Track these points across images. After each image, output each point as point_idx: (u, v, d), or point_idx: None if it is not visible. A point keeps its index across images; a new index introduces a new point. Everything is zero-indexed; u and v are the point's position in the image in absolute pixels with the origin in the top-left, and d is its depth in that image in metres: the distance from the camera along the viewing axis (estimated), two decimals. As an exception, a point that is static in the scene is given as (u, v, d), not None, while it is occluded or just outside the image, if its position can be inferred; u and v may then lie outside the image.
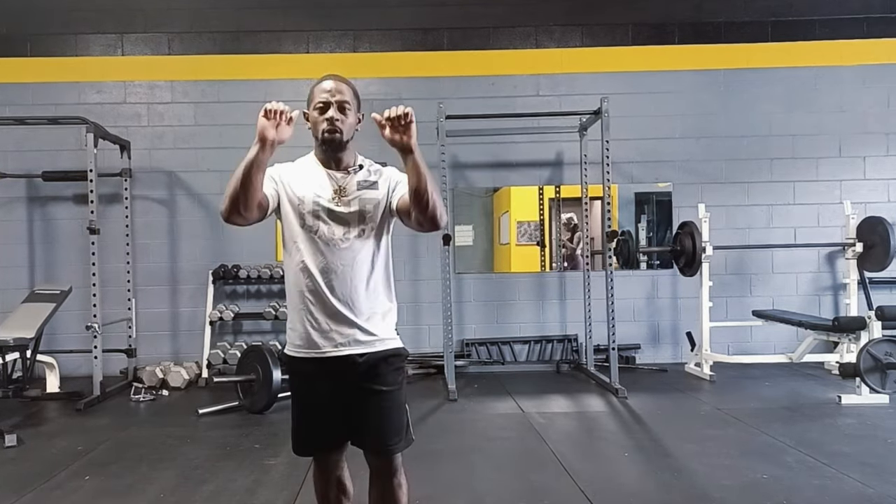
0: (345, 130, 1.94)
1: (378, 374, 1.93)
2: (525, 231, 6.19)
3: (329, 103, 1.93)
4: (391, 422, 1.94)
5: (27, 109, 5.82)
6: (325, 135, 1.92)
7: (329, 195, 1.94)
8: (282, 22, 6.05)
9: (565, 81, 6.10)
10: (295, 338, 1.96)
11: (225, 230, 6.04)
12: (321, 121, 1.93)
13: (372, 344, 1.93)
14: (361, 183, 1.97)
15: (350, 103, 1.96)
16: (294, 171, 2.00)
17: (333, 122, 1.91)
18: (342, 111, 1.94)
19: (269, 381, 4.40)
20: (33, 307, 4.78)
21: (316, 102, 1.94)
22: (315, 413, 1.97)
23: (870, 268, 5.47)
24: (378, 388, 1.93)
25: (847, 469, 3.23)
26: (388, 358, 1.96)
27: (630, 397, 4.77)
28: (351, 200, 1.94)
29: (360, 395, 1.93)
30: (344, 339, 1.91)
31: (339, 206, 1.93)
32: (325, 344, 1.91)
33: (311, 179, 1.96)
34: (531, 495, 2.99)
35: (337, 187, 1.95)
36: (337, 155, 1.97)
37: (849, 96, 6.13)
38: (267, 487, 3.12)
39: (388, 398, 1.94)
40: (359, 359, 1.91)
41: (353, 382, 1.92)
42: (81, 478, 3.29)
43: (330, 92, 1.94)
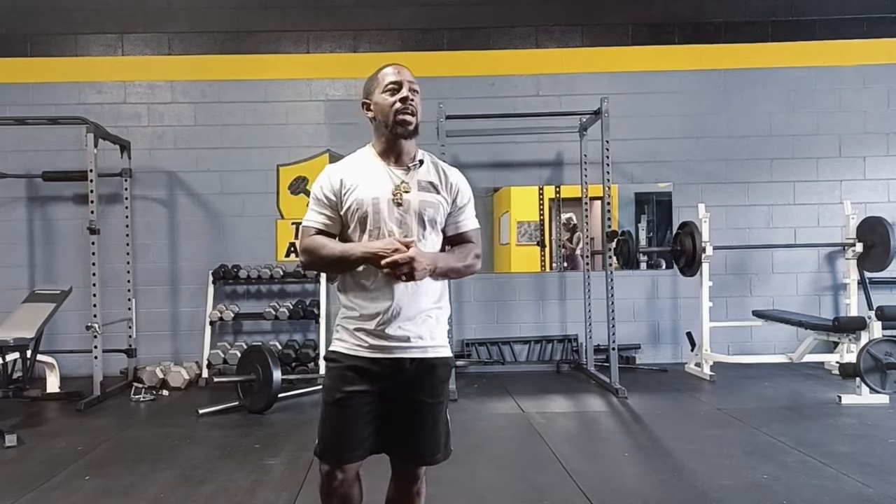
0: (418, 113, 1.84)
1: (427, 384, 1.87)
2: (525, 231, 6.19)
3: (401, 84, 1.84)
4: (436, 434, 1.89)
5: (27, 109, 5.81)
6: (398, 116, 1.80)
7: (388, 195, 1.83)
8: (282, 22, 6.06)
9: (565, 81, 6.10)
10: (346, 335, 1.86)
11: (225, 230, 6.05)
12: (393, 102, 1.81)
13: (424, 350, 1.85)
14: (422, 183, 1.87)
15: (418, 90, 1.87)
16: (350, 171, 1.88)
17: (408, 102, 1.81)
18: (414, 93, 1.85)
19: (269, 381, 4.40)
20: (33, 307, 4.78)
21: (386, 84, 1.84)
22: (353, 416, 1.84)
23: (870, 268, 5.47)
24: (426, 399, 1.87)
25: (847, 469, 3.23)
26: (438, 367, 1.89)
27: (630, 397, 4.77)
28: (411, 200, 1.84)
29: (408, 403, 1.86)
30: (398, 341, 1.82)
31: (398, 207, 1.82)
32: (379, 345, 1.82)
33: (369, 177, 1.85)
34: (531, 495, 2.99)
35: (397, 184, 1.84)
36: (402, 144, 1.86)
37: (849, 96, 6.13)
38: (267, 487, 3.12)
39: (437, 409, 1.89)
40: (409, 363, 1.83)
41: (400, 388, 1.84)
42: (81, 478, 3.29)
43: (401, 73, 1.86)
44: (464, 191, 1.95)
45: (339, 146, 6.04)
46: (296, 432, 4.04)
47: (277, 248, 6.05)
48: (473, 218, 1.98)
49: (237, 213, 6.06)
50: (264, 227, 6.06)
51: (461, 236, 1.94)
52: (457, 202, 1.93)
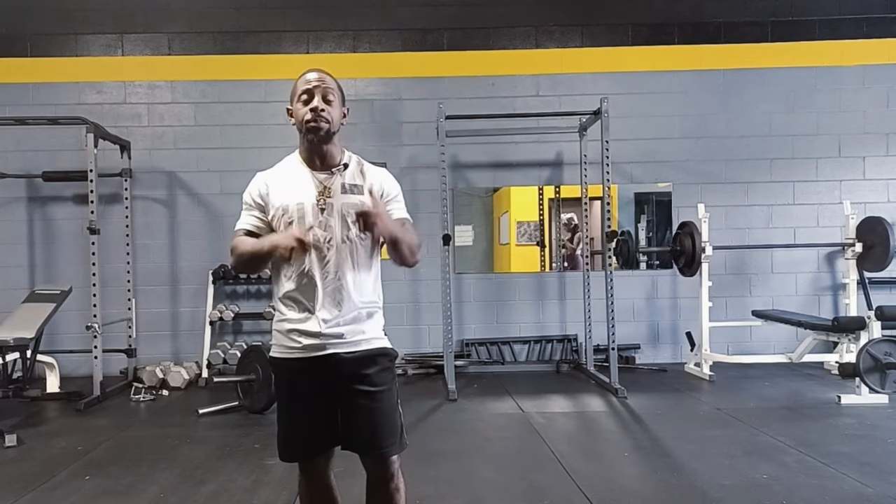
0: (331, 120, 1.88)
1: (366, 374, 1.89)
2: (525, 231, 6.20)
3: (312, 92, 1.89)
4: (384, 423, 1.90)
5: (27, 109, 5.82)
6: (309, 124, 1.87)
7: (312, 199, 1.89)
8: (282, 22, 6.06)
9: (565, 81, 6.10)
10: (281, 338, 1.92)
11: (224, 230, 6.03)
12: (305, 111, 1.88)
13: (358, 343, 1.89)
14: (346, 186, 1.92)
15: (334, 94, 1.92)
16: (277, 177, 1.95)
17: (318, 112, 1.86)
18: (326, 101, 1.89)
19: (269, 381, 4.40)
20: (33, 307, 4.78)
21: (299, 94, 1.91)
22: (302, 416, 1.93)
23: (869, 268, 5.47)
24: (367, 388, 1.89)
25: (847, 469, 3.23)
26: (375, 357, 1.92)
27: (630, 397, 4.77)
28: (334, 204, 1.89)
29: (350, 396, 1.89)
30: (330, 338, 1.87)
31: (322, 210, 1.88)
32: (312, 344, 1.87)
33: (294, 184, 1.92)
34: (531, 495, 2.99)
35: (320, 189, 1.90)
36: (322, 148, 1.91)
37: (848, 96, 6.13)
38: (267, 487, 3.12)
39: (378, 398, 1.90)
40: (346, 356, 1.88)
41: (341, 383, 1.89)
42: (81, 478, 3.29)
43: (312, 81, 1.90)
44: (389, 187, 1.99)
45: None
46: (296, 432, 4.04)
47: (277, 248, 6.04)
48: (403, 210, 2.02)
49: (237, 213, 5.97)
50: (264, 227, 6.05)
51: None
52: (383, 198, 1.95)
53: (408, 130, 6.05)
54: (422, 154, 5.98)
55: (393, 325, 2.27)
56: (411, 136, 6.03)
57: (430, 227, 5.57)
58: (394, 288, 5.49)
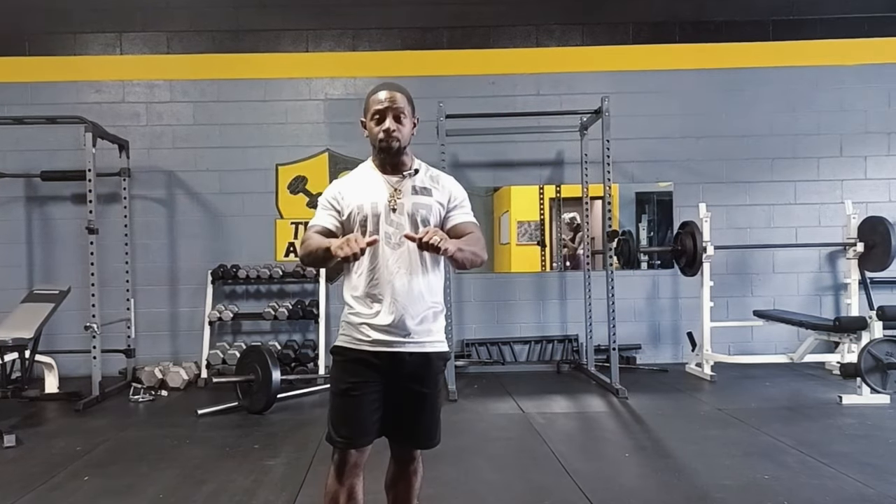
0: (402, 139, 2.02)
1: (426, 376, 2.02)
2: (525, 231, 6.18)
3: (385, 113, 2.00)
4: (433, 422, 2.07)
5: (25, 109, 5.79)
6: (381, 144, 2.01)
7: (385, 199, 2.01)
8: (281, 21, 6.04)
9: (566, 81, 6.09)
10: (350, 330, 2.02)
11: (224, 230, 6.04)
12: (378, 131, 2.01)
13: (423, 344, 2.00)
14: (416, 188, 2.05)
15: (405, 112, 2.03)
16: (352, 182, 2.09)
17: (390, 133, 1.99)
18: (398, 120, 2.01)
19: (268, 382, 4.39)
20: (32, 307, 4.76)
21: (372, 113, 2.03)
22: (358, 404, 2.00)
23: (871, 268, 5.46)
24: (424, 389, 2.02)
25: (847, 469, 3.22)
26: (435, 359, 2.04)
27: (630, 397, 4.76)
28: (405, 204, 2.01)
29: (407, 393, 2.01)
30: (399, 336, 1.96)
31: (394, 210, 2.00)
32: (381, 339, 1.96)
33: (367, 186, 2.05)
34: (531, 495, 2.99)
35: (392, 191, 2.03)
36: (394, 160, 2.05)
37: (850, 96, 6.12)
38: (267, 487, 3.11)
39: (432, 399, 2.05)
40: (408, 356, 1.98)
41: (400, 379, 1.99)
42: (81, 478, 3.28)
43: (384, 101, 2.01)
44: (456, 192, 2.12)
45: (338, 145, 6.04)
46: (295, 432, 4.03)
47: (276, 248, 6.04)
48: (469, 214, 2.13)
49: (236, 213, 6.04)
50: (263, 226, 6.05)
51: (456, 228, 2.07)
52: (450, 202, 2.09)
53: (408, 130, 6.03)
54: (422, 153, 5.86)
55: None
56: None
57: (430, 226, 5.55)
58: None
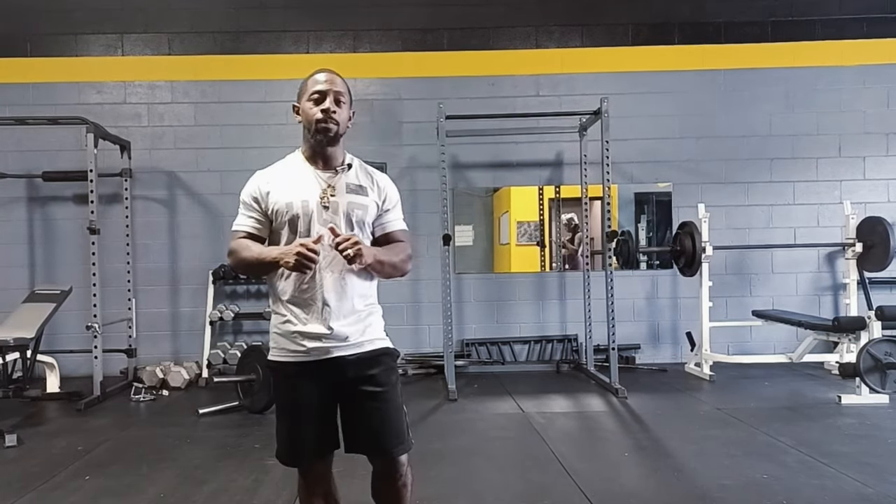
0: (340, 122, 1.90)
1: (371, 375, 1.89)
2: (525, 231, 6.19)
3: (325, 94, 1.89)
4: (390, 424, 1.89)
5: (27, 109, 5.82)
6: (319, 125, 1.87)
7: (316, 197, 1.89)
8: (282, 22, 6.06)
9: (565, 81, 6.10)
10: (283, 341, 1.91)
11: (224, 230, 6.02)
12: (316, 111, 1.88)
13: (361, 345, 1.89)
14: (350, 185, 1.93)
15: (345, 96, 1.93)
16: (277, 176, 1.95)
17: (329, 114, 1.87)
18: (337, 104, 1.90)
19: (269, 381, 4.40)
20: (33, 307, 4.77)
21: (310, 93, 1.90)
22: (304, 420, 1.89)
23: (870, 268, 5.47)
24: (372, 389, 1.88)
25: (847, 469, 3.23)
26: (379, 357, 1.92)
27: (630, 397, 4.77)
28: (339, 202, 1.90)
29: (355, 398, 1.89)
30: (334, 341, 1.86)
31: (326, 208, 1.88)
32: (316, 347, 1.86)
33: (296, 181, 1.92)
34: (531, 495, 2.99)
35: (325, 188, 1.91)
36: (327, 150, 1.92)
37: (849, 96, 6.13)
38: (267, 487, 3.12)
39: (384, 398, 1.89)
40: (349, 359, 1.87)
41: (345, 385, 1.88)
42: (81, 478, 3.29)
43: (325, 83, 1.91)
44: (391, 194, 2.02)
45: (339, 146, 6.04)
46: (296, 432, 4.03)
47: (277, 248, 6.04)
48: (401, 220, 2.05)
49: (237, 213, 6.03)
50: (264, 227, 6.05)
51: (388, 236, 2.00)
52: (384, 204, 1.99)
53: (408, 130, 6.04)
54: (422, 154, 5.98)
55: (393, 325, 2.26)
56: (411, 136, 6.02)
57: (430, 227, 5.57)
58: (394, 288, 5.47)
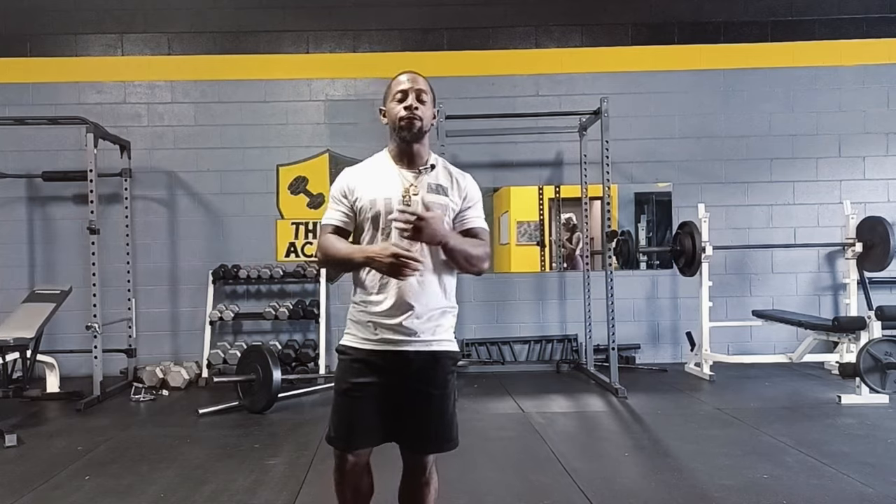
0: (424, 119, 1.96)
1: (434, 376, 1.95)
2: (525, 231, 6.19)
3: (407, 92, 1.96)
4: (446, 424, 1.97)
5: (27, 109, 5.81)
6: (402, 122, 1.94)
7: (399, 195, 1.95)
8: (282, 22, 6.06)
9: (565, 81, 6.10)
10: (357, 328, 1.98)
11: (225, 230, 6.05)
12: (400, 109, 1.95)
13: (430, 343, 1.94)
14: (431, 185, 1.99)
15: (427, 94, 1.99)
16: (364, 174, 2.02)
17: (412, 110, 1.94)
18: (420, 101, 1.97)
19: (269, 381, 4.40)
20: (33, 307, 4.77)
21: (395, 93, 1.98)
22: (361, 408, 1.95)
23: (869, 268, 5.47)
24: (432, 390, 1.95)
25: (847, 469, 3.23)
26: (444, 359, 1.98)
27: (630, 397, 4.77)
28: (419, 201, 1.95)
29: (415, 395, 1.94)
30: (406, 335, 1.91)
31: (408, 206, 1.93)
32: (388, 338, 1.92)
33: (381, 180, 1.98)
34: (531, 495, 2.99)
35: (407, 186, 1.97)
36: (412, 147, 1.98)
37: (848, 96, 6.13)
38: (267, 487, 3.12)
39: (442, 400, 1.96)
40: (414, 355, 1.92)
41: (407, 381, 1.93)
42: (81, 478, 3.29)
43: (408, 82, 1.98)
44: (472, 194, 2.07)
45: (339, 146, 6.05)
46: (296, 432, 4.04)
47: (277, 248, 6.05)
48: (482, 219, 2.10)
49: (237, 213, 6.06)
50: (264, 227, 6.06)
51: (467, 232, 2.04)
52: (465, 202, 2.04)
53: (408, 130, 6.03)
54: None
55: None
56: (411, 136, 6.01)
57: (430, 226, 5.56)
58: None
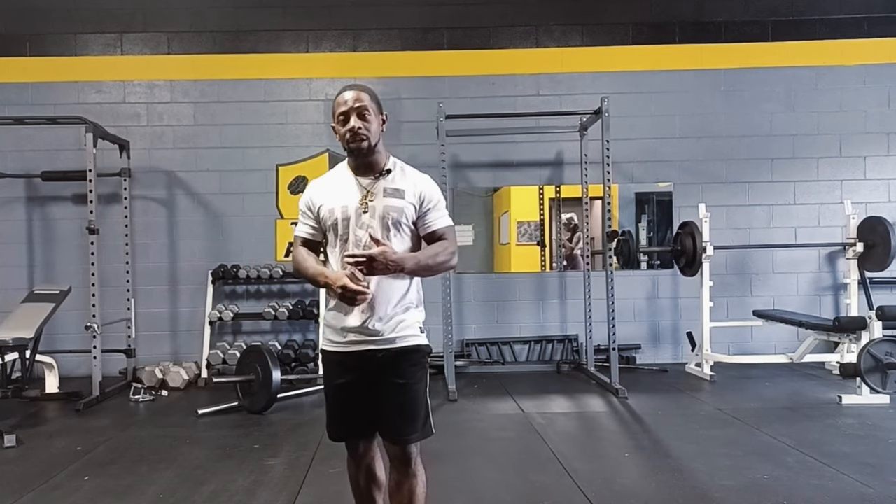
0: (370, 136, 2.03)
1: (397, 368, 2.05)
2: (525, 231, 6.19)
3: (348, 113, 2.03)
4: (406, 413, 2.05)
5: (26, 109, 5.80)
6: (350, 145, 2.04)
7: (356, 202, 2.04)
8: (281, 21, 6.05)
9: (566, 81, 6.10)
10: (328, 332, 2.11)
11: (224, 230, 6.04)
12: (345, 132, 2.03)
13: (393, 341, 2.04)
14: (388, 189, 2.06)
15: (369, 108, 2.05)
16: (325, 185, 2.13)
17: (356, 131, 2.01)
18: (362, 118, 2.03)
19: (268, 382, 4.40)
20: (32, 307, 4.77)
21: (337, 115, 2.06)
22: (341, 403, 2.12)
23: (870, 268, 5.46)
24: (396, 380, 2.05)
25: (847, 469, 3.22)
26: (408, 353, 2.07)
27: (630, 397, 4.76)
28: (376, 207, 2.03)
29: (382, 386, 2.06)
30: (368, 335, 2.03)
31: (364, 213, 2.03)
32: (353, 339, 2.04)
33: (340, 189, 2.08)
34: (531, 495, 2.99)
35: (364, 193, 2.05)
36: (367, 160, 2.07)
37: (849, 96, 6.12)
38: (267, 487, 3.11)
39: (404, 390, 2.05)
40: (378, 354, 2.04)
41: (376, 374, 2.05)
42: (81, 478, 3.29)
43: (347, 102, 2.04)
44: (430, 194, 2.12)
45: (338, 146, 5.93)
46: (295, 432, 4.04)
47: (277, 248, 6.05)
48: (444, 217, 2.15)
49: (236, 213, 6.05)
50: (264, 226, 6.05)
51: (432, 235, 2.11)
52: (423, 205, 2.10)
53: (408, 130, 6.03)
54: (422, 154, 5.96)
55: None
56: (411, 136, 6.01)
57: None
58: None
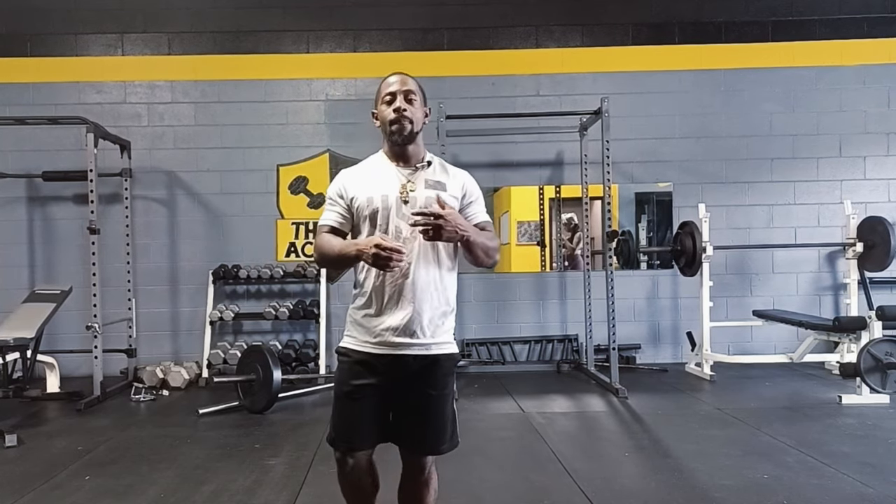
0: (414, 120, 1.96)
1: (432, 378, 1.95)
2: (525, 231, 6.19)
3: (395, 94, 1.97)
4: (442, 426, 1.97)
5: (27, 109, 5.81)
6: (392, 126, 1.95)
7: (396, 192, 1.95)
8: (282, 22, 6.05)
9: (566, 81, 6.10)
10: (355, 330, 1.98)
11: (225, 230, 6.05)
12: (388, 112, 1.96)
13: (429, 347, 1.94)
14: (429, 181, 1.99)
15: (416, 95, 2.00)
16: (360, 173, 2.03)
17: (401, 112, 1.94)
18: (409, 102, 1.97)
19: (269, 381, 4.40)
20: (33, 307, 4.77)
21: (383, 96, 1.99)
22: (359, 410, 1.96)
23: (870, 268, 5.47)
24: (430, 391, 1.95)
25: (847, 469, 3.22)
26: (443, 361, 1.97)
27: (630, 397, 4.77)
28: (417, 197, 1.94)
29: (412, 396, 1.95)
30: (404, 337, 1.91)
31: (405, 203, 1.94)
32: (386, 341, 1.92)
33: (377, 178, 1.99)
34: (531, 495, 2.99)
35: (404, 182, 1.97)
36: (406, 148, 1.99)
37: (849, 96, 6.13)
38: (267, 487, 3.12)
39: (439, 402, 1.97)
40: (413, 358, 1.92)
41: (405, 383, 1.94)
42: (81, 478, 3.29)
43: (395, 84, 1.99)
44: (471, 189, 2.07)
45: (339, 146, 6.05)
46: (296, 432, 4.04)
47: (277, 248, 6.05)
48: (485, 213, 2.10)
49: (237, 213, 6.05)
50: (264, 226, 6.06)
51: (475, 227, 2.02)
52: (466, 198, 2.04)
53: (408, 130, 6.03)
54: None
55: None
56: (411, 136, 6.01)
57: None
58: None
